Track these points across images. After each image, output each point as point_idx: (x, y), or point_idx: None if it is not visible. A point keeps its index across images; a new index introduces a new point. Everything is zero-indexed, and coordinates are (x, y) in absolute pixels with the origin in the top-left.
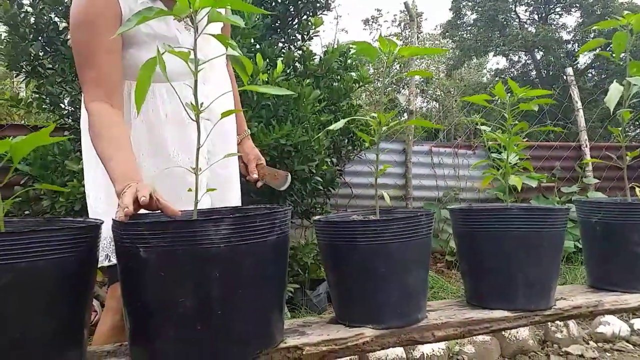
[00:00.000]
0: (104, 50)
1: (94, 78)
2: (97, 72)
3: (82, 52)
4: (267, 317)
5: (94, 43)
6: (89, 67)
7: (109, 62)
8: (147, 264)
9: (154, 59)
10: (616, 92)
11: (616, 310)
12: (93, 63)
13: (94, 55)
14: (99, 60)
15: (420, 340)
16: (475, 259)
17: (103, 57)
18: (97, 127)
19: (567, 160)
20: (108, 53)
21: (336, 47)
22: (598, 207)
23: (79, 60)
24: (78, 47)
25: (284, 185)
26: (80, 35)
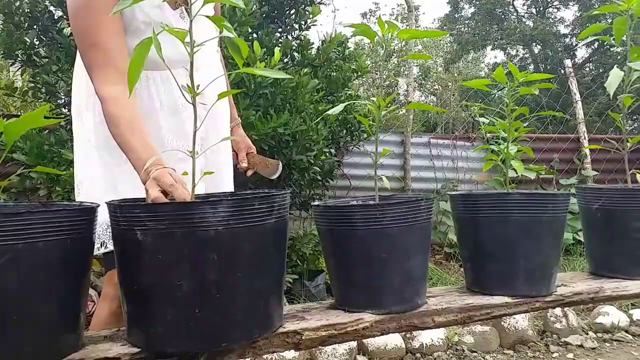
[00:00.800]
0: (108, 32)
1: (102, 60)
2: (104, 53)
3: (85, 37)
4: (266, 301)
5: (96, 25)
6: (94, 50)
7: (115, 42)
8: (144, 246)
9: (149, 39)
10: (616, 77)
11: (617, 297)
12: (98, 45)
13: (99, 37)
14: (104, 42)
15: (420, 325)
16: (475, 244)
17: (109, 38)
18: (115, 115)
19: (565, 152)
20: (112, 34)
21: (334, 37)
22: (599, 193)
23: (83, 45)
24: (81, 32)
25: (275, 174)
26: (81, 20)
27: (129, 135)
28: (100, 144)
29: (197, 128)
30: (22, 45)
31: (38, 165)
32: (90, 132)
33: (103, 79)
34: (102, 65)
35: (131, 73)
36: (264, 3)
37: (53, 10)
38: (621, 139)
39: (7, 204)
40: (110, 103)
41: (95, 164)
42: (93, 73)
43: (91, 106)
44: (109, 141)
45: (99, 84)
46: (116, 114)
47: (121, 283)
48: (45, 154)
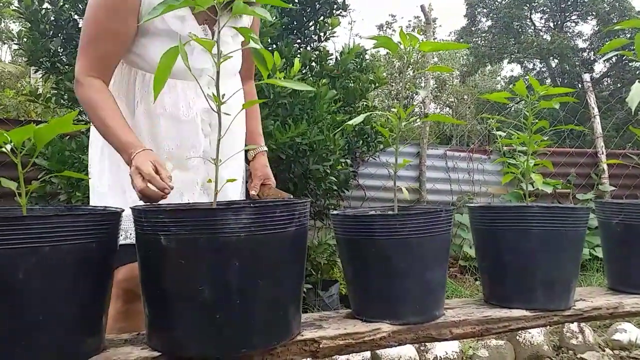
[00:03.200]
0: (115, 36)
1: (95, 58)
2: (102, 53)
3: (92, 30)
4: (285, 308)
5: (108, 26)
6: (95, 45)
7: (115, 48)
8: (168, 251)
9: (175, 48)
10: (638, 92)
11: (637, 313)
12: (98, 44)
13: (104, 38)
14: (105, 43)
15: (437, 337)
16: (494, 257)
17: (111, 42)
18: (94, 98)
19: (582, 167)
20: (117, 39)
21: (352, 48)
22: (619, 208)
23: (88, 36)
24: (91, 25)
25: None
26: (98, 14)
27: (109, 118)
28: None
29: (222, 136)
30: (46, 53)
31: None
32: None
33: (88, 70)
34: (94, 61)
35: (157, 81)
36: (284, 14)
37: (77, 18)
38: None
39: (33, 208)
40: (86, 86)
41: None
42: (82, 60)
43: None
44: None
45: (83, 68)
46: (93, 97)
47: (144, 287)
48: (67, 160)
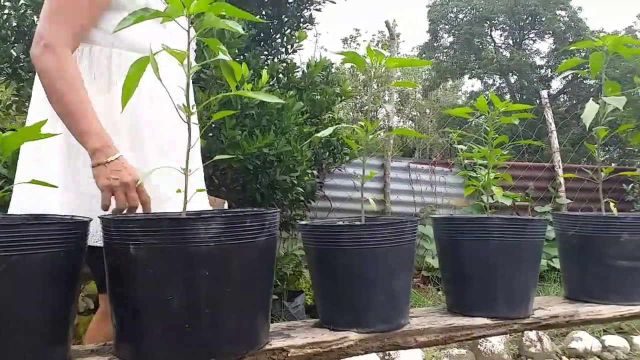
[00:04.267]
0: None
1: (71, 26)
2: (77, 23)
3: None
4: (254, 317)
5: None
6: (71, 13)
7: (85, 21)
8: (136, 261)
9: (145, 59)
10: (592, 109)
11: (591, 320)
12: (75, 11)
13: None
14: (81, 11)
15: (403, 345)
16: (457, 267)
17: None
18: (70, 73)
19: (540, 180)
20: (93, 9)
21: (319, 62)
22: (575, 220)
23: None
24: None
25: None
26: None
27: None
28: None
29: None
30: (7, 59)
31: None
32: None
33: (64, 36)
34: (71, 25)
35: (125, 93)
36: (251, 26)
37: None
38: (595, 168)
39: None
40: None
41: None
42: (54, 22)
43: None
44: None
45: (59, 36)
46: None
47: (111, 297)
48: None
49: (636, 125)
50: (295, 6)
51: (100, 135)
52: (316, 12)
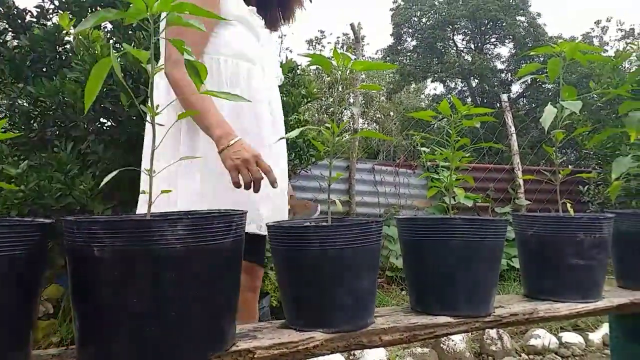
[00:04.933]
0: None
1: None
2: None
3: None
4: (221, 319)
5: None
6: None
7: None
8: (101, 263)
9: (108, 59)
10: (551, 113)
11: (549, 318)
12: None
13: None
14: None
15: (368, 344)
16: (420, 266)
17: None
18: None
19: (500, 182)
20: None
21: (285, 63)
22: (533, 221)
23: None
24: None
25: (314, 214)
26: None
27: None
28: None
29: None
30: None
31: None
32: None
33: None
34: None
35: (88, 92)
36: None
37: None
38: (553, 170)
39: None
40: (182, 68)
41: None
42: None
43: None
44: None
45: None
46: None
47: (74, 300)
48: None
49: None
50: None
51: (221, 125)
52: None
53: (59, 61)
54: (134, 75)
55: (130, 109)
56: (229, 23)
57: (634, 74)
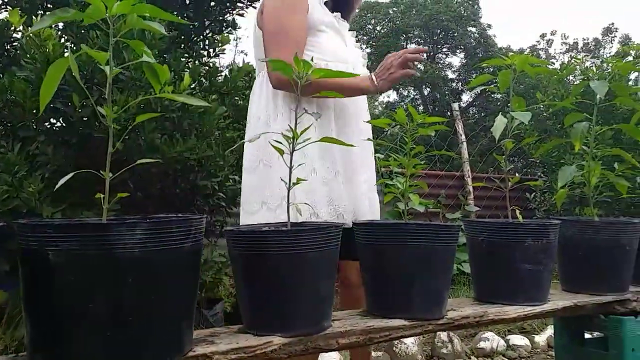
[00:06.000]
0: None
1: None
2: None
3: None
4: (179, 324)
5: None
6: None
7: (302, 36)
8: (56, 268)
9: (65, 59)
10: (501, 123)
11: (499, 320)
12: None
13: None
14: (297, 35)
15: (325, 347)
16: (376, 271)
17: (302, 35)
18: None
19: (451, 188)
20: (303, 33)
21: (242, 67)
22: (484, 226)
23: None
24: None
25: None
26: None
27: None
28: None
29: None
30: None
31: None
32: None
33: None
34: (290, 47)
35: (45, 89)
36: (173, 28)
37: None
38: (502, 178)
39: None
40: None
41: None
42: (281, 50)
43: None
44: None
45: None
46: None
47: (26, 305)
48: None
49: (538, 139)
50: (218, 10)
51: (360, 78)
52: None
53: (7, 59)
54: (87, 75)
55: (82, 109)
56: (322, 30)
57: (578, 87)
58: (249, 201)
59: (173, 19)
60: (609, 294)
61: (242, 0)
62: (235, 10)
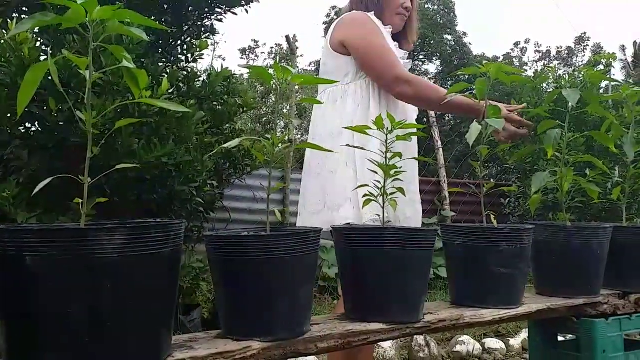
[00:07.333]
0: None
1: (394, 58)
2: (394, 55)
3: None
4: (157, 330)
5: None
6: (389, 52)
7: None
8: (34, 273)
9: (44, 63)
10: (476, 130)
11: (475, 323)
12: (389, 50)
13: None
14: (390, 50)
15: (304, 351)
16: (355, 275)
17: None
18: (428, 84)
19: (427, 194)
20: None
21: (220, 72)
22: (459, 231)
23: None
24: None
25: None
26: (374, 38)
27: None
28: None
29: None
30: None
31: None
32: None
33: (401, 68)
34: (397, 61)
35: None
36: (150, 32)
37: None
38: (477, 183)
39: None
40: (417, 80)
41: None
42: (394, 66)
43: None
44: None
45: (402, 71)
46: (429, 84)
47: (2, 311)
48: None
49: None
50: (196, 15)
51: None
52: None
53: None
54: (63, 80)
55: (58, 114)
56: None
57: (550, 95)
58: (311, 202)
59: (153, 24)
60: (581, 297)
61: (221, 6)
62: (214, 16)
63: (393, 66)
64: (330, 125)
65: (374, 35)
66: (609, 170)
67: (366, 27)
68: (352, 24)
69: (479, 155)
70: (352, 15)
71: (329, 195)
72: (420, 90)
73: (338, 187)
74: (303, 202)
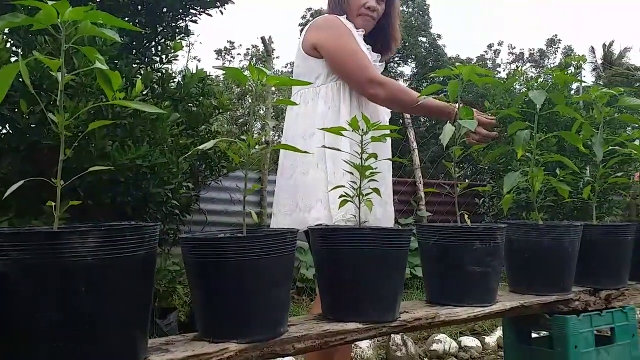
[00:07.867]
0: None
1: (366, 61)
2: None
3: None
4: (133, 333)
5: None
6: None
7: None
8: (7, 277)
9: (15, 65)
10: (449, 131)
11: (450, 322)
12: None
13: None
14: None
15: (281, 353)
16: (331, 275)
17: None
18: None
19: (404, 194)
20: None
21: (195, 73)
22: (435, 231)
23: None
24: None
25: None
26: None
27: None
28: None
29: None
30: None
31: None
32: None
33: (374, 70)
34: (369, 64)
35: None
36: (124, 34)
37: None
38: (452, 184)
39: None
40: (389, 82)
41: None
42: (367, 69)
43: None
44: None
45: (374, 74)
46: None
47: None
48: None
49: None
50: (171, 16)
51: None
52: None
53: None
54: (35, 82)
55: (30, 116)
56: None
57: (520, 96)
58: (284, 203)
59: (127, 26)
60: (553, 295)
61: (195, 8)
62: (189, 17)
63: (366, 69)
64: (302, 127)
65: (345, 38)
66: (579, 170)
67: (338, 30)
68: (324, 27)
69: (453, 156)
70: (324, 18)
71: (301, 196)
72: (393, 92)
73: (310, 188)
74: (277, 203)
